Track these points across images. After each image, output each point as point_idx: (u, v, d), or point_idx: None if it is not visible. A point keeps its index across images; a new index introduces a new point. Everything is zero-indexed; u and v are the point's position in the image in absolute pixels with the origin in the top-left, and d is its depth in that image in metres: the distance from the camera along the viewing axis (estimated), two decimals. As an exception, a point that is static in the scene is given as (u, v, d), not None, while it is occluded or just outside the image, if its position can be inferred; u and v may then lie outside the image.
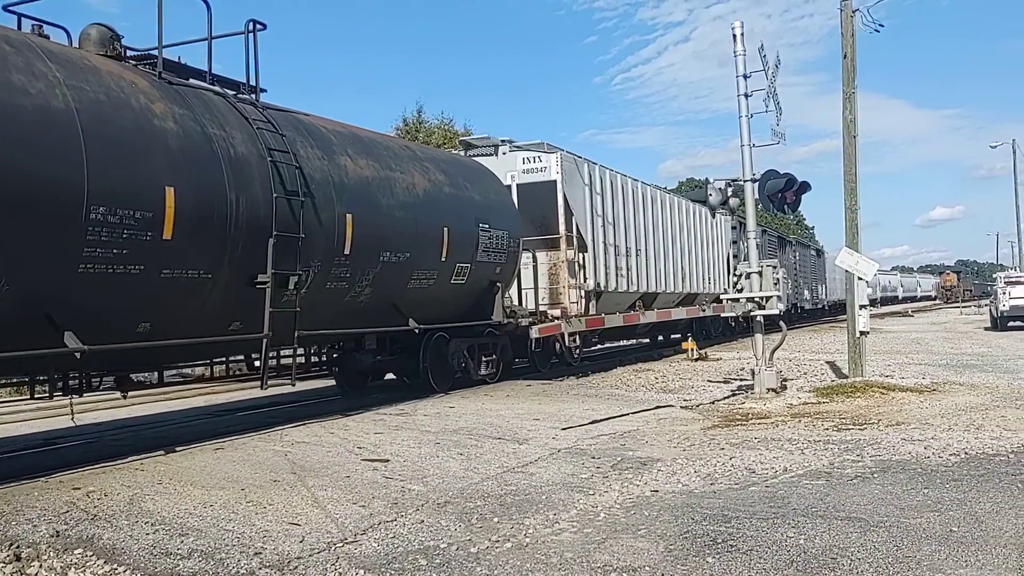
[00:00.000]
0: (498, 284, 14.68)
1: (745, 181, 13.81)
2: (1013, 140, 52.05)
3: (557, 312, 16.88)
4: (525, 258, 16.59)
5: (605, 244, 18.71)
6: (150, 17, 10.43)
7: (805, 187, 14.14)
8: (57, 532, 5.56)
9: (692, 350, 21.10)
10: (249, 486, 6.98)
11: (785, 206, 14.29)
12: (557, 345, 17.62)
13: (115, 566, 5.03)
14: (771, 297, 13.36)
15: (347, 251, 10.81)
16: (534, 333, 15.98)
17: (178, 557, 5.25)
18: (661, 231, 22.49)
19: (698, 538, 5.57)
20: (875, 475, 7.21)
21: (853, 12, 14.79)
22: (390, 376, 15.59)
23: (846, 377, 14.62)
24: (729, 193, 14.61)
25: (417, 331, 12.69)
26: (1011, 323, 30.73)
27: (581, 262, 17.53)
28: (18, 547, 5.24)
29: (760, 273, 13.44)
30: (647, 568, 5.01)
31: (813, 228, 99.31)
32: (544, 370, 17.24)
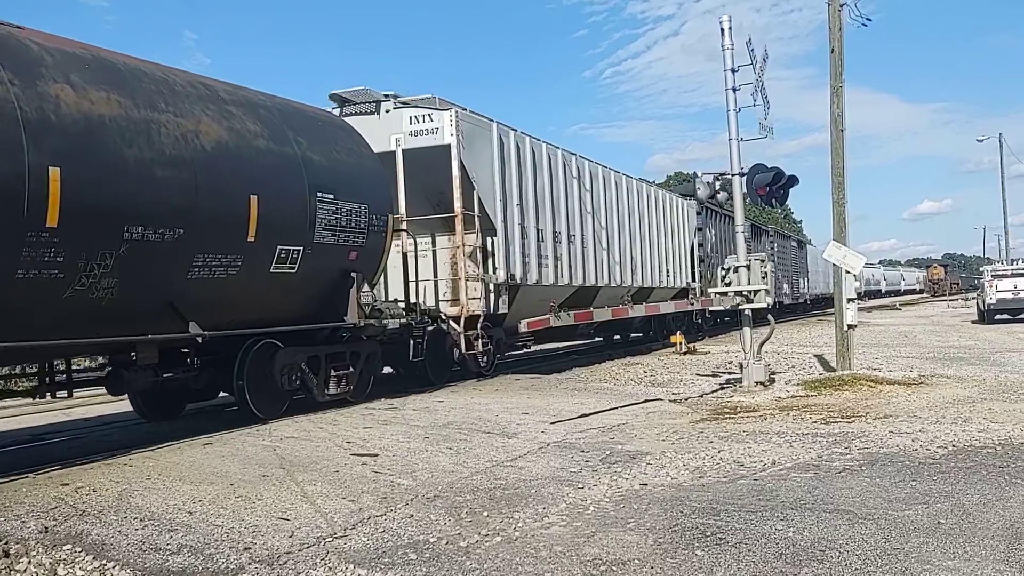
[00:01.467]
0: (354, 275, 11.36)
1: (733, 175, 13.84)
2: (1000, 134, 52.44)
3: (455, 311, 14.24)
4: (423, 244, 14.28)
5: (523, 227, 15.61)
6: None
7: (793, 181, 14.19)
8: (46, 528, 5.53)
9: (680, 344, 21.17)
10: (238, 481, 6.96)
11: (773, 200, 14.34)
12: (456, 351, 14.31)
13: (104, 562, 5.01)
14: (759, 291, 13.40)
15: (52, 223, 7.41)
16: (524, 328, 15.92)
17: (167, 552, 5.23)
18: (605, 215, 19.56)
19: (687, 531, 5.58)
20: (863, 468, 7.25)
21: (841, 6, 14.83)
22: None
23: (834, 370, 14.70)
24: (717, 187, 14.66)
25: (200, 339, 9.24)
26: (998, 316, 30.96)
27: (489, 248, 14.72)
28: (6, 543, 5.21)
29: (748, 267, 13.47)
30: (636, 561, 5.02)
31: (801, 222, 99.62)
32: (438, 383, 13.87)
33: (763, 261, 13.64)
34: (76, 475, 7.02)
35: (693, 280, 26.21)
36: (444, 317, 14.17)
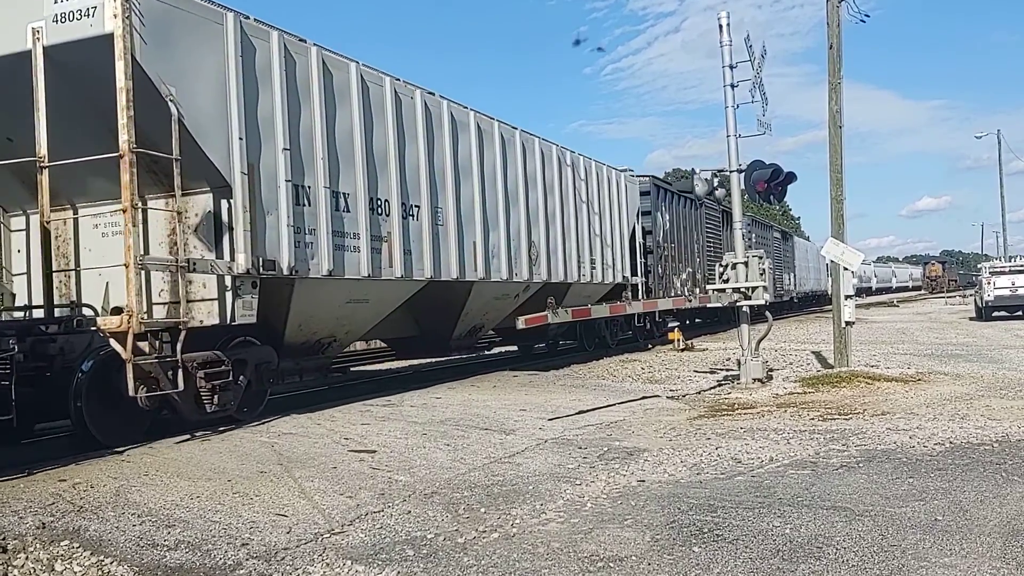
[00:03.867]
0: None
1: (731, 171, 13.85)
2: (998, 131, 52.58)
3: (115, 323, 8.24)
4: (108, 212, 9.31)
5: (301, 187, 10.20)
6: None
7: (791, 177, 14.18)
8: (43, 524, 5.53)
9: (678, 340, 21.17)
10: (236, 477, 6.96)
11: (771, 196, 14.33)
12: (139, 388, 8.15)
13: (102, 558, 5.01)
14: (756, 287, 13.41)
15: None
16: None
17: (165, 548, 5.23)
18: (479, 181, 13.95)
19: (684, 528, 5.59)
20: (860, 465, 7.25)
21: (839, 2, 14.82)
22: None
23: (832, 367, 14.72)
24: (715, 184, 14.66)
25: None
26: (995, 313, 30.97)
27: (224, 217, 9.31)
28: (4, 539, 5.21)
29: (746, 264, 13.48)
30: (633, 558, 5.03)
31: (799, 219, 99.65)
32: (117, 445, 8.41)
33: (761, 257, 13.65)
34: (73, 471, 7.02)
35: (634, 274, 20.79)
36: (108, 332, 8.27)
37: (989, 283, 31.19)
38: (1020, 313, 30.91)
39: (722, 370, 15.99)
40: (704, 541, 5.29)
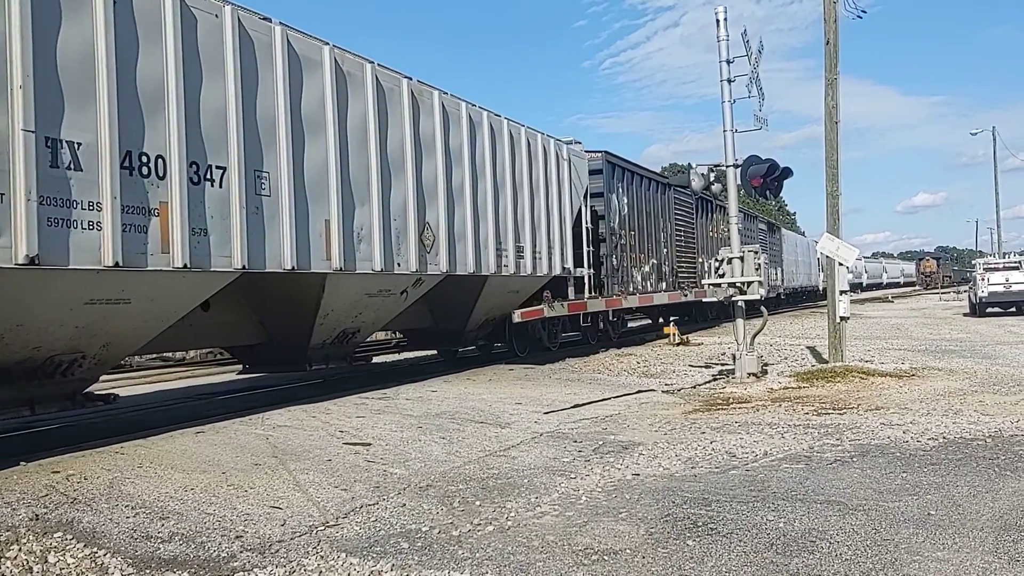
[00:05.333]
0: None
1: (727, 166, 13.85)
2: (993, 127, 52.55)
3: None
4: None
5: None
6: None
7: (787, 173, 14.18)
8: (36, 515, 5.52)
9: (674, 335, 21.18)
10: (230, 470, 6.95)
11: (767, 192, 14.34)
12: None
13: (95, 549, 5.00)
14: (753, 282, 13.42)
15: None
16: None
17: (159, 540, 5.22)
18: (339, 140, 10.50)
19: (679, 521, 5.60)
20: (854, 459, 7.27)
21: (836, -2, 14.81)
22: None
23: (826, 362, 14.74)
24: (712, 178, 14.66)
25: None
26: (989, 309, 31.06)
27: None
28: (-4, 531, 5.20)
29: (742, 258, 13.50)
30: (628, 551, 5.04)
31: (795, 214, 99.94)
32: None
33: (757, 252, 13.66)
34: (67, 463, 7.00)
35: (580, 265, 17.71)
36: None
37: (983, 279, 31.26)
38: (1014, 309, 31.01)
39: (717, 365, 16.01)
40: (698, 534, 5.30)
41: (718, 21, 13.61)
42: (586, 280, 17.85)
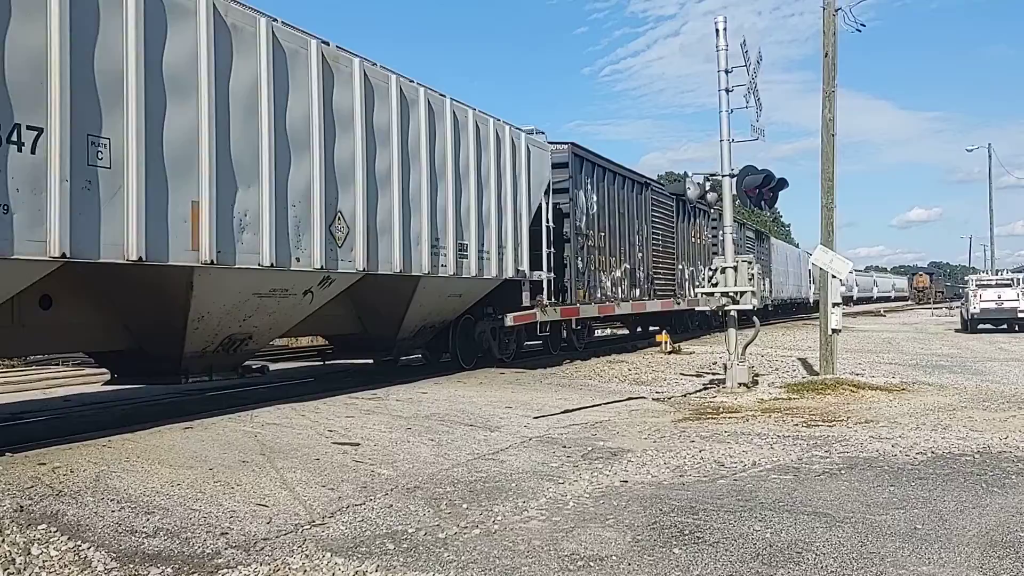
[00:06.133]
0: None
1: (723, 176, 13.86)
2: (989, 144, 52.76)
3: None
4: None
5: None
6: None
7: (782, 184, 14.21)
8: (21, 507, 5.49)
9: (666, 343, 21.20)
10: (217, 466, 6.93)
11: (762, 202, 14.37)
12: None
13: (79, 543, 4.97)
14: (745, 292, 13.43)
15: None
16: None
17: (143, 535, 5.20)
18: (211, 102, 8.73)
19: (665, 529, 5.59)
20: (843, 471, 7.28)
21: (835, 11, 14.87)
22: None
23: (817, 374, 14.76)
24: (707, 187, 14.67)
25: None
26: (981, 325, 31.15)
27: None
28: (-20, 521, 5.17)
29: (735, 268, 13.51)
30: (614, 557, 5.03)
31: (790, 225, 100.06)
32: None
33: (751, 262, 13.68)
34: (54, 455, 6.97)
35: (537, 268, 16.10)
36: None
37: (975, 295, 31.37)
38: (1005, 326, 31.11)
39: (708, 374, 16.03)
40: (685, 543, 5.29)
41: (717, 31, 13.64)
42: (545, 285, 16.26)
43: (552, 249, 16.49)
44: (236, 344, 10.33)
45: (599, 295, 19.28)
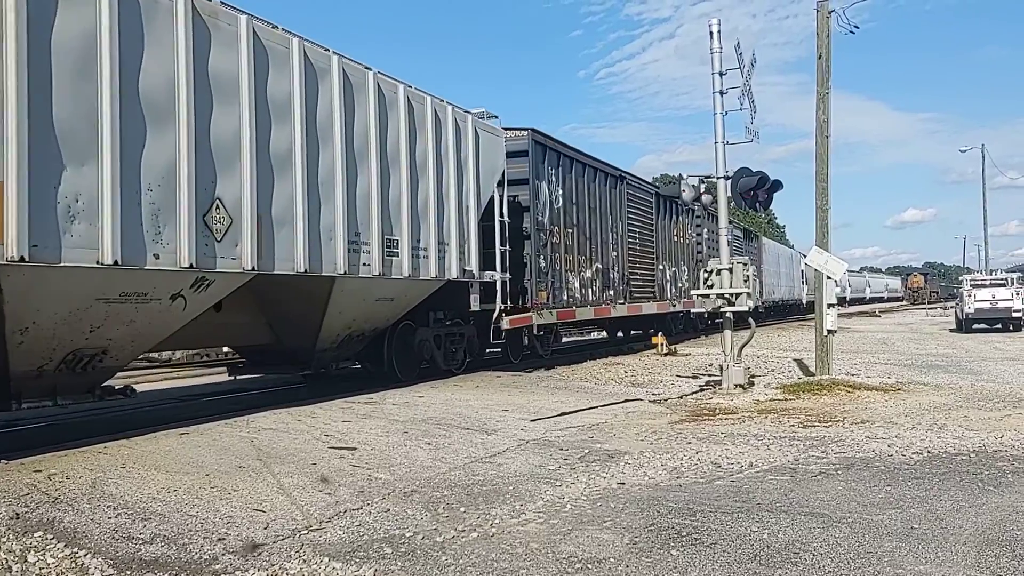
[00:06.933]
0: None
1: (718, 178, 13.89)
2: (983, 145, 52.75)
3: None
4: None
5: None
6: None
7: (777, 185, 14.23)
8: (17, 514, 5.48)
9: (662, 345, 21.21)
10: (214, 472, 6.92)
11: (757, 204, 14.39)
12: None
13: (76, 550, 4.96)
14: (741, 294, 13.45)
15: None
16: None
17: (140, 542, 5.19)
18: (23, 57, 6.81)
19: (663, 531, 5.59)
20: (839, 472, 7.29)
21: (829, 13, 14.91)
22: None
23: (813, 375, 14.79)
24: (702, 189, 14.69)
25: None
26: (975, 325, 31.24)
27: None
28: (-24, 529, 5.15)
29: (731, 270, 13.53)
30: (612, 560, 5.03)
31: (784, 227, 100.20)
32: None
33: (746, 264, 13.70)
34: (50, 462, 6.95)
35: (488, 267, 14.76)
36: None
37: (970, 295, 31.46)
38: (999, 326, 31.19)
39: (704, 375, 16.04)
40: (682, 544, 5.30)
41: (712, 33, 13.67)
42: (498, 286, 14.78)
43: (508, 247, 15.08)
44: (85, 361, 8.40)
45: (565, 297, 17.78)
